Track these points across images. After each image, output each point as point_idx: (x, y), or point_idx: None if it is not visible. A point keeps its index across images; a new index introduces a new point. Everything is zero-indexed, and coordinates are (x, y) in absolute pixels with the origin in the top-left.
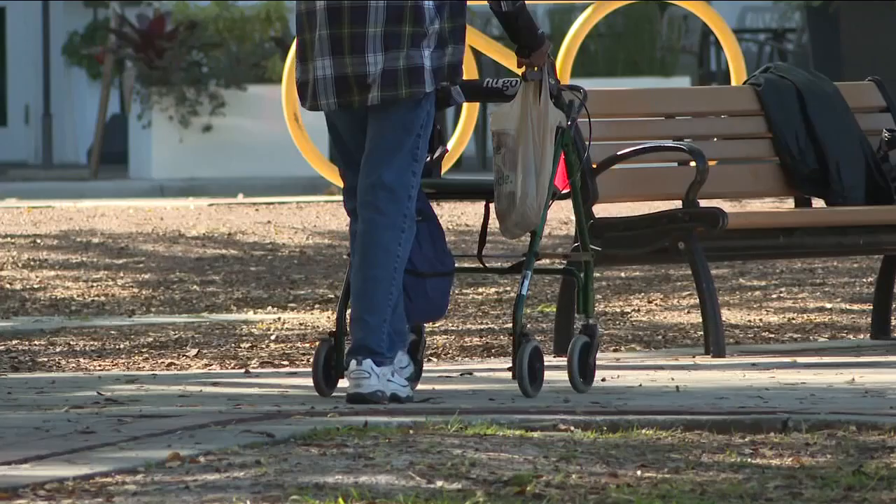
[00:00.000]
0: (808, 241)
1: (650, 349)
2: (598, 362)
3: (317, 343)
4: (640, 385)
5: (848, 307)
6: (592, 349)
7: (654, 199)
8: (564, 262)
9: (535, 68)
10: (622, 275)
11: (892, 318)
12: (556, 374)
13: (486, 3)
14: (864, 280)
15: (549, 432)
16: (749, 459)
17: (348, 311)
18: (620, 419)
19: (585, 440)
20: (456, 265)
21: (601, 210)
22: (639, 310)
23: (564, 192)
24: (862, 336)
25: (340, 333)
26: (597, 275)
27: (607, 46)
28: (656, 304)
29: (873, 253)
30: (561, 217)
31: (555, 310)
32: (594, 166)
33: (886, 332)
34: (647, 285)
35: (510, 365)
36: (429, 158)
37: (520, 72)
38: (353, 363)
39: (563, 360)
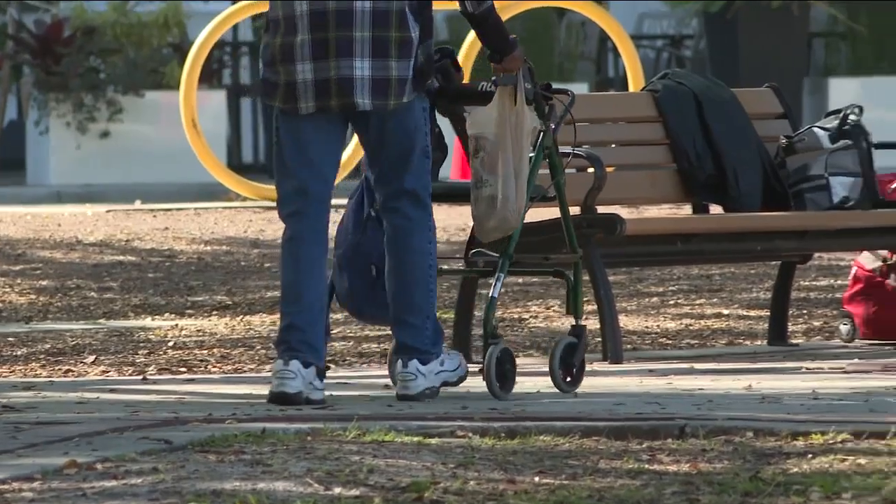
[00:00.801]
0: (705, 248)
1: (548, 355)
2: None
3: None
4: (538, 391)
5: (745, 313)
6: (579, 350)
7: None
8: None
9: (511, 73)
10: (520, 281)
11: (789, 324)
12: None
13: (456, 6)
14: (761, 286)
15: (448, 439)
16: (646, 465)
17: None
18: (518, 425)
19: (483, 446)
20: (442, 267)
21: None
22: (537, 316)
23: (551, 194)
24: (759, 342)
25: (325, 334)
26: None
27: None
28: (554, 311)
29: (770, 259)
30: (459, 224)
31: (453, 315)
32: None
33: (783, 337)
34: (545, 291)
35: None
36: None
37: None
38: (399, 364)
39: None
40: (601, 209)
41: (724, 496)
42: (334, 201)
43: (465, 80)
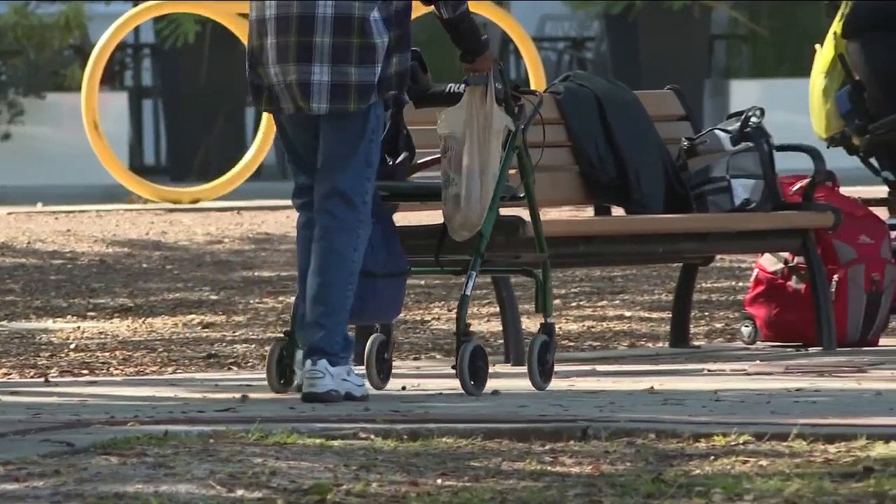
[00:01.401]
0: (607, 250)
1: (450, 357)
2: (397, 370)
3: (270, 342)
4: (441, 393)
5: (647, 315)
6: (551, 347)
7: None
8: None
9: (482, 73)
10: (422, 283)
11: (691, 326)
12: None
13: (430, 8)
14: (663, 288)
15: (350, 441)
16: (549, 467)
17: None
18: (421, 427)
19: (386, 448)
20: (410, 266)
21: (400, 219)
22: (439, 318)
23: (521, 194)
24: (661, 344)
25: (294, 332)
26: None
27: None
28: (456, 313)
29: (672, 261)
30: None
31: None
32: None
33: (685, 339)
34: (447, 293)
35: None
36: (392, 163)
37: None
38: (308, 363)
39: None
40: (503, 211)
41: (626, 498)
42: None
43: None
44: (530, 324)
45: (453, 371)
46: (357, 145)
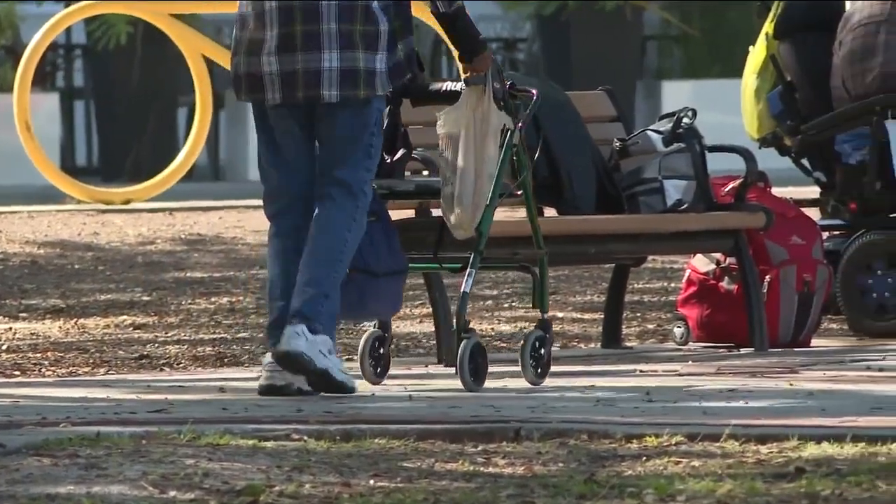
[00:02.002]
0: (442, 256)
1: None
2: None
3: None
4: (373, 394)
5: (579, 316)
6: (547, 343)
7: (388, 209)
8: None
9: (481, 72)
10: None
11: (623, 326)
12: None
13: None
14: (595, 289)
15: (283, 442)
16: (482, 468)
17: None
18: (353, 428)
19: (318, 449)
20: (409, 264)
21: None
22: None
23: (518, 191)
24: (593, 345)
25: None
26: None
27: None
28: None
29: (604, 262)
30: None
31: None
32: None
33: (617, 340)
34: None
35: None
36: (389, 160)
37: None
38: (287, 326)
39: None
40: (436, 212)
41: (558, 498)
42: None
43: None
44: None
45: (399, 370)
46: (358, 135)
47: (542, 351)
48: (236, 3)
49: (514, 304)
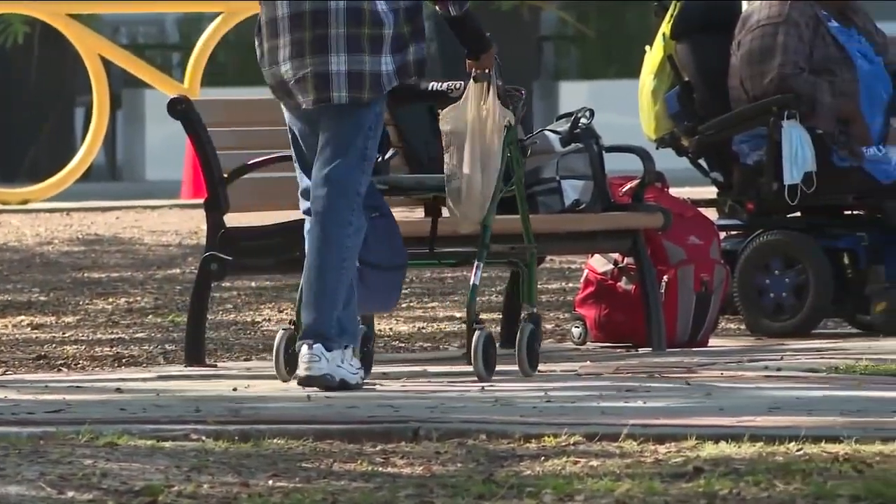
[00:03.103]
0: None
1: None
2: (228, 372)
3: (277, 332)
4: (272, 395)
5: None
6: (537, 336)
7: (286, 209)
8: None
9: (486, 70)
10: (253, 284)
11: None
12: (186, 383)
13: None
14: (493, 289)
15: (181, 442)
16: (380, 468)
17: None
18: (252, 429)
19: (217, 450)
20: (411, 259)
21: (232, 219)
22: (270, 319)
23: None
24: None
25: (299, 322)
26: (227, 285)
27: (236, 56)
28: (287, 314)
29: (437, 266)
30: (191, 227)
31: (185, 319)
32: (225, 175)
33: (511, 340)
34: (277, 295)
35: (464, 351)
36: (380, 159)
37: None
38: (304, 347)
39: (198, 368)
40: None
41: (457, 498)
42: None
43: None
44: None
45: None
46: (354, 137)
47: (535, 344)
48: (133, 4)
49: (412, 304)
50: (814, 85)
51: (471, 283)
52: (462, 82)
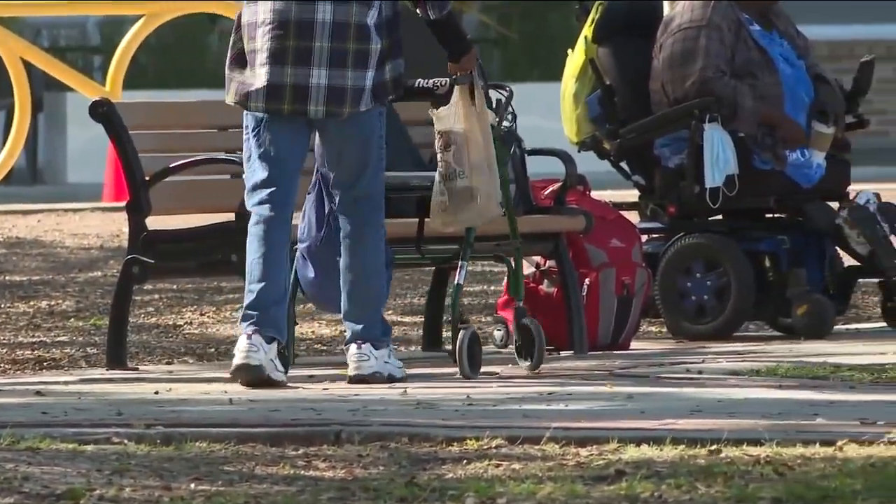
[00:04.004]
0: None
1: (203, 362)
2: (150, 375)
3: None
4: (194, 398)
5: (400, 319)
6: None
7: (208, 212)
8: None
9: (467, 71)
10: (174, 287)
11: (444, 330)
12: (108, 386)
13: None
14: (416, 292)
15: (103, 445)
16: (302, 472)
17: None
18: (174, 432)
19: (139, 453)
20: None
21: (154, 222)
22: (191, 322)
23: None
24: (413, 348)
25: (291, 324)
26: (149, 288)
27: (157, 58)
28: (209, 317)
29: (424, 265)
30: (113, 230)
31: (107, 322)
32: (147, 178)
33: (437, 343)
34: (199, 298)
35: (449, 349)
36: None
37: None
38: (353, 347)
39: (120, 372)
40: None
41: (379, 502)
42: None
43: None
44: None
45: (219, 374)
46: (371, 147)
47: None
48: (56, 6)
49: None
50: (735, 88)
51: (455, 282)
52: (447, 79)
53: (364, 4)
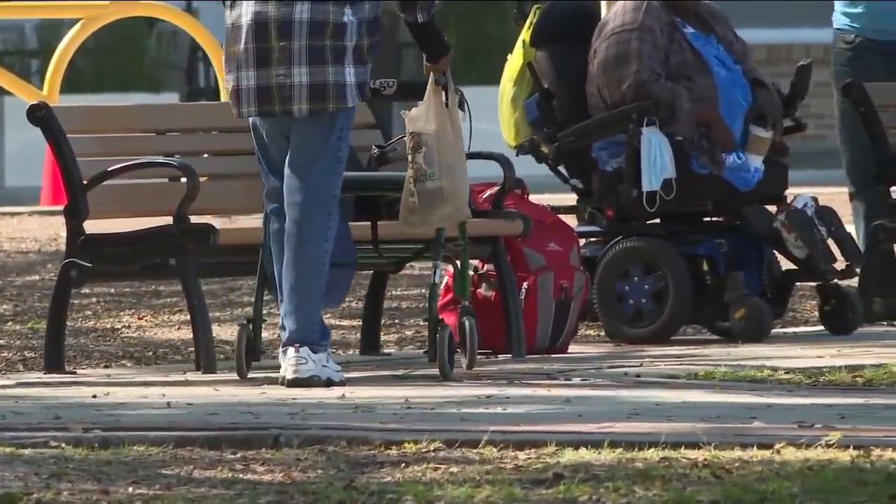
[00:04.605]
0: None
1: (141, 365)
2: (88, 379)
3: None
4: (132, 401)
5: (338, 322)
6: (475, 328)
7: (146, 216)
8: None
9: (442, 72)
10: (112, 291)
11: (382, 333)
12: (45, 390)
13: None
14: (354, 295)
15: (41, 449)
16: (240, 475)
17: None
18: (112, 436)
19: (77, 457)
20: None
21: (92, 226)
22: (129, 326)
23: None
24: (352, 351)
25: (258, 319)
26: (87, 291)
27: (95, 62)
28: (147, 321)
29: (362, 268)
30: (50, 234)
31: (45, 326)
32: (85, 182)
33: (376, 347)
34: (137, 301)
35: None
36: None
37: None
38: (291, 350)
39: (57, 375)
40: (194, 219)
41: None
42: None
43: None
44: (221, 332)
45: (157, 378)
46: (327, 143)
47: (476, 338)
48: None
49: (273, 310)
50: (672, 91)
51: (432, 282)
52: (392, 80)
53: (341, 3)
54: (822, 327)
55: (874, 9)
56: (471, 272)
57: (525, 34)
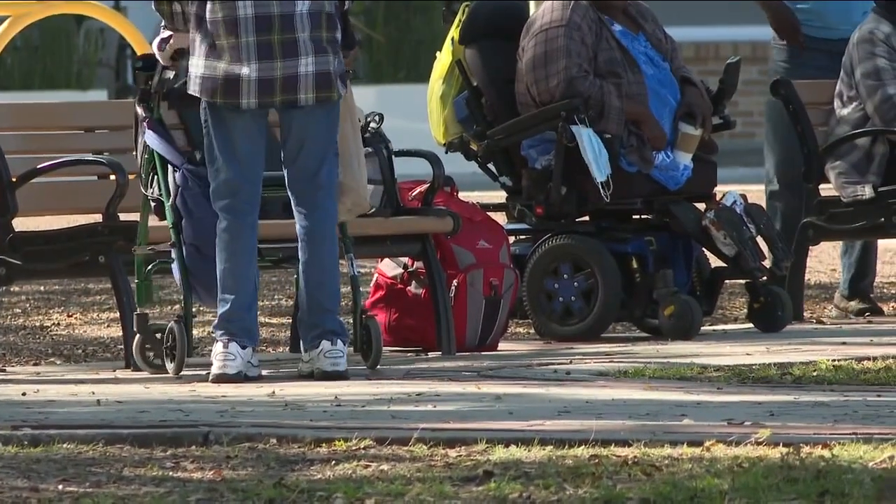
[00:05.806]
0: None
1: (71, 363)
2: (17, 377)
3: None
4: (61, 399)
5: (267, 321)
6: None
7: (75, 213)
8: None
9: (350, 67)
10: (42, 289)
11: None
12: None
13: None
14: (283, 293)
15: None
16: (171, 473)
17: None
18: (42, 433)
19: (6, 454)
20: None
21: (20, 224)
22: (59, 324)
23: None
24: (281, 349)
25: (188, 316)
26: (16, 289)
27: (23, 60)
28: (76, 318)
29: (292, 266)
30: None
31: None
32: (14, 179)
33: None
34: (66, 299)
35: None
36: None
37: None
38: (326, 343)
39: None
40: (123, 216)
41: (248, 503)
42: None
43: None
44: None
45: (86, 375)
46: (331, 137)
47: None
48: None
49: (202, 308)
50: (601, 88)
51: (351, 274)
52: None
53: None
54: (751, 325)
55: (820, 7)
56: (401, 270)
57: (454, 32)
